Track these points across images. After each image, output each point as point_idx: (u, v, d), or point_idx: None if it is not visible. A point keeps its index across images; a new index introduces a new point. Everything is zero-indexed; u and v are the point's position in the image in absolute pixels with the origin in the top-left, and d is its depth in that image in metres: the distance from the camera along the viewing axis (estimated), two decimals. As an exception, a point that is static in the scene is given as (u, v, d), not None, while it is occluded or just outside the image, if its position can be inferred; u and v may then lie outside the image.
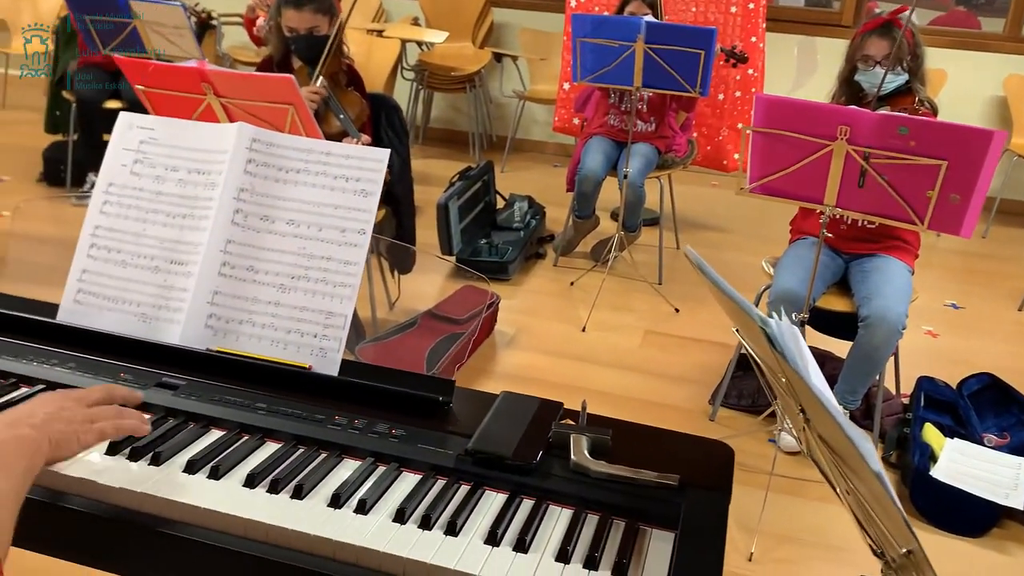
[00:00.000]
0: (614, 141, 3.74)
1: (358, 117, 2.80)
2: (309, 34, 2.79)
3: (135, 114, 1.34)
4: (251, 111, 2.31)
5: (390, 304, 3.23)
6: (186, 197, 1.26)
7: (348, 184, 1.23)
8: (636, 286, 3.63)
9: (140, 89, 2.36)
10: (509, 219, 4.10)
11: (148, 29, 3.65)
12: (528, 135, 5.60)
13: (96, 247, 1.27)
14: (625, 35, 3.04)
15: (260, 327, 1.20)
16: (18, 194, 4.34)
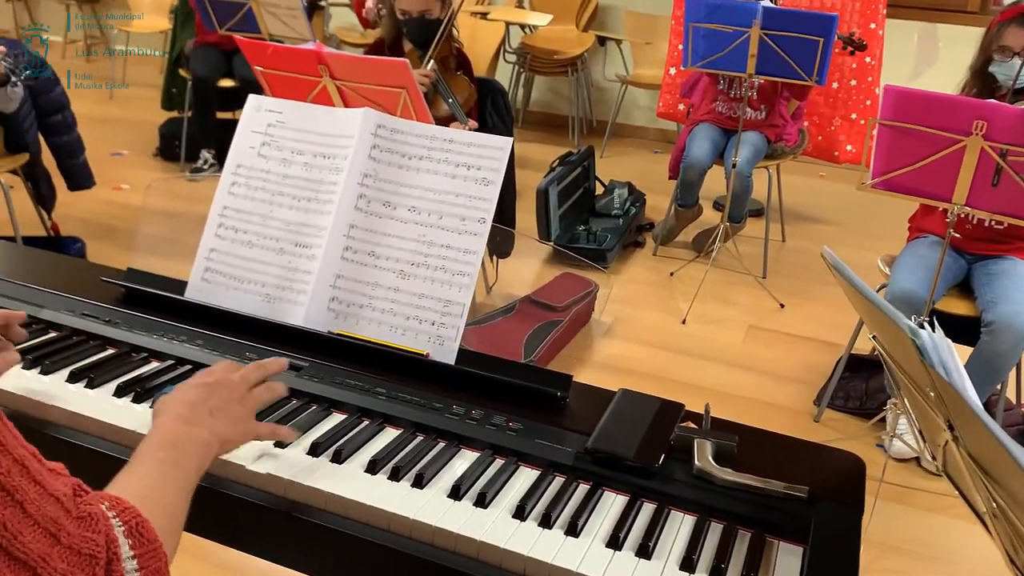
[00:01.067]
0: (722, 129, 3.64)
1: (466, 101, 2.80)
2: (421, 17, 2.80)
3: (263, 97, 1.36)
4: (364, 93, 2.34)
5: (487, 288, 3.23)
6: (311, 181, 1.27)
7: (470, 172, 1.22)
8: (739, 279, 3.53)
9: (259, 70, 2.42)
10: (608, 206, 4.06)
11: (263, 10, 3.74)
12: (629, 120, 5.52)
13: (224, 227, 1.30)
14: (741, 20, 2.95)
15: (380, 312, 1.21)
16: (135, 168, 4.54)
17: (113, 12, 6.65)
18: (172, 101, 4.75)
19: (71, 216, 3.64)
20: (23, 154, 3.09)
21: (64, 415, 1.05)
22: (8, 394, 1.08)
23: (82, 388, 1.10)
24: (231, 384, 0.94)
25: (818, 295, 3.45)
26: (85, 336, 1.21)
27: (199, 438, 0.86)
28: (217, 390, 0.92)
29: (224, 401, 0.91)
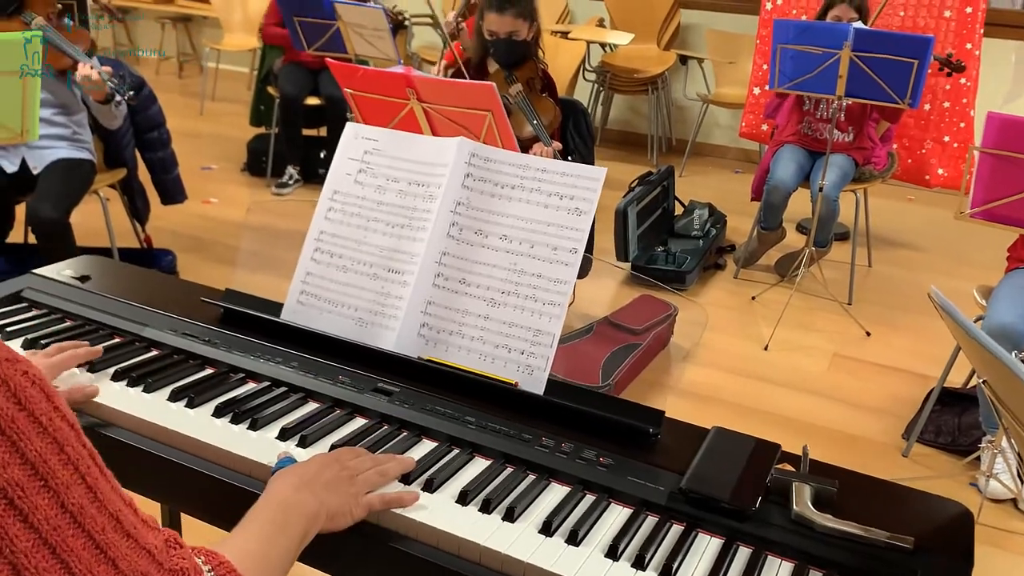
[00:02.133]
0: (807, 150, 3.57)
1: (551, 123, 2.81)
2: (508, 38, 2.82)
3: (361, 125, 1.39)
4: (450, 115, 2.37)
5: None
6: (405, 208, 1.29)
7: (562, 202, 1.22)
8: (824, 305, 3.45)
9: (348, 92, 2.47)
10: (688, 227, 4.01)
11: (350, 31, 3.83)
12: (709, 139, 5.46)
13: (320, 251, 1.33)
14: (831, 42, 2.89)
15: (469, 339, 1.21)
16: (224, 182, 4.68)
17: (205, 30, 6.91)
18: (260, 118, 4.89)
19: (163, 228, 3.77)
20: (121, 169, 3.22)
21: (165, 434, 1.08)
22: (112, 411, 1.12)
23: (182, 407, 1.13)
24: (346, 464, 0.97)
25: (906, 323, 3.34)
26: (185, 355, 1.25)
27: (308, 507, 0.88)
28: (331, 467, 0.95)
29: (336, 478, 0.94)
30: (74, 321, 1.34)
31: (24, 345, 1.26)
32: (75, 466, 0.62)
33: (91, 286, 1.43)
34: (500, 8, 2.79)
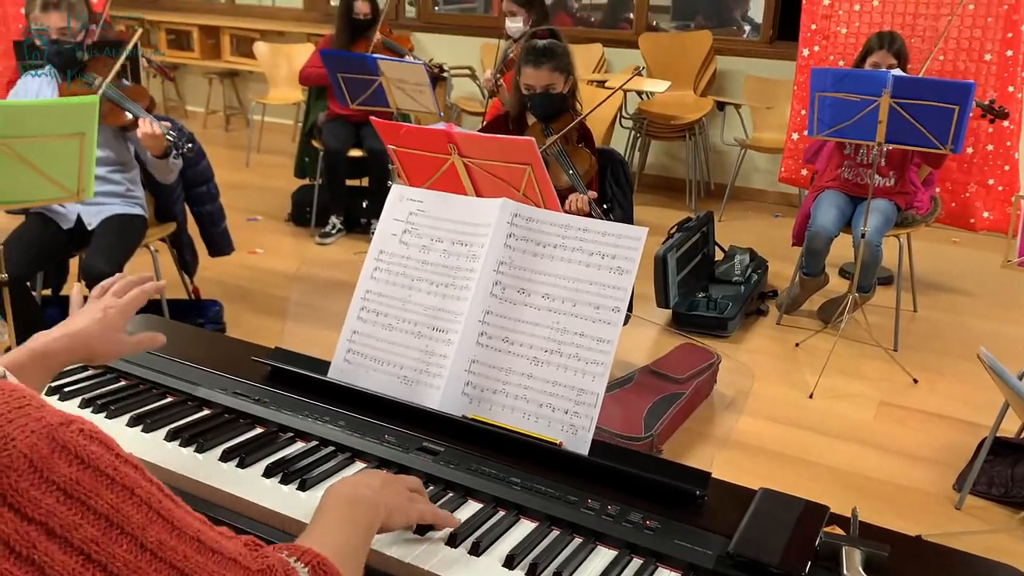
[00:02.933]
0: (848, 195, 3.55)
1: (587, 173, 2.83)
2: (545, 92, 2.87)
3: (406, 187, 1.42)
4: (491, 170, 2.41)
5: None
6: (449, 267, 1.31)
7: (604, 261, 1.24)
8: (869, 351, 3.39)
9: (391, 148, 2.53)
10: (729, 272, 3.99)
11: (392, 86, 3.92)
12: (748, 183, 5.45)
13: (366, 310, 1.35)
14: (870, 89, 2.89)
15: (513, 398, 1.23)
16: (269, 232, 4.78)
17: (251, 85, 7.11)
18: (304, 169, 5.00)
19: (209, 279, 3.85)
20: (171, 223, 3.31)
21: (217, 494, 1.11)
22: (165, 471, 1.15)
23: (233, 467, 1.15)
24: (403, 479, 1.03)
25: (954, 370, 3.27)
26: (236, 415, 1.28)
27: (370, 499, 0.93)
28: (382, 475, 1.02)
29: (389, 481, 1.00)
30: (129, 380, 1.38)
31: (80, 405, 1.30)
32: (148, 505, 0.65)
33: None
34: (536, 63, 2.84)
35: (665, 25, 6.71)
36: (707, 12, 6.99)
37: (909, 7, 3.81)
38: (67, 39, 2.76)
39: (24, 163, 2.32)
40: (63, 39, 2.76)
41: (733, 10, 7.00)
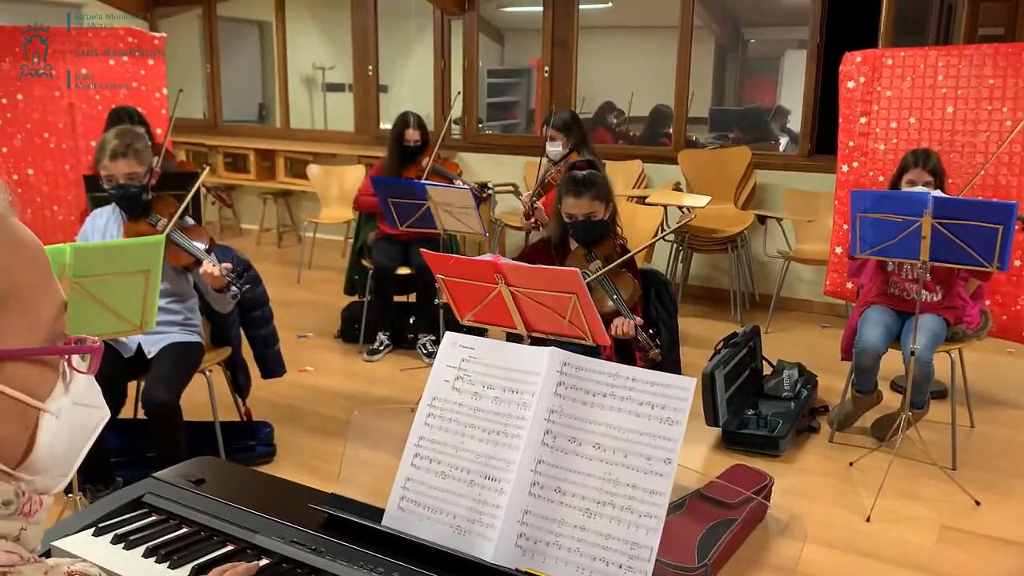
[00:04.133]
0: (895, 311, 3.53)
1: (631, 298, 2.88)
2: (587, 219, 2.95)
3: (458, 334, 1.47)
4: (536, 298, 2.47)
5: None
6: (500, 415, 1.35)
7: (653, 411, 1.26)
8: (926, 470, 3.30)
9: (440, 278, 2.61)
10: (778, 388, 3.95)
11: (439, 209, 4.06)
12: (793, 293, 5.45)
13: (419, 456, 1.38)
14: (910, 210, 2.92)
15: (566, 551, 1.23)
16: (319, 349, 4.87)
17: (303, 203, 7.39)
18: (354, 287, 5.13)
19: (261, 398, 3.92)
20: (226, 348, 3.41)
21: (276, 651, 1.12)
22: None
23: (291, 622, 1.17)
24: None
25: (1019, 490, 3.17)
26: (293, 564, 1.30)
27: None
28: None
29: None
30: (190, 528, 1.41)
31: (144, 554, 1.34)
32: None
33: (206, 489, 1.51)
34: (577, 193, 2.93)
35: (702, 136, 6.86)
36: (743, 124, 7.16)
37: (946, 124, 3.88)
38: (133, 183, 2.93)
39: (93, 300, 2.44)
40: (130, 183, 2.92)
41: (769, 121, 7.16)
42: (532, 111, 8.05)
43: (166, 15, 8.02)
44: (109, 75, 4.88)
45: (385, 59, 7.22)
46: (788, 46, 7.85)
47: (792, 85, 7.15)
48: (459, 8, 6.41)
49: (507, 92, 8.41)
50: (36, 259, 0.74)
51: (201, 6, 7.77)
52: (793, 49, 7.75)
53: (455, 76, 6.80)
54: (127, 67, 4.93)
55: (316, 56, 8.34)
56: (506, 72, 8.33)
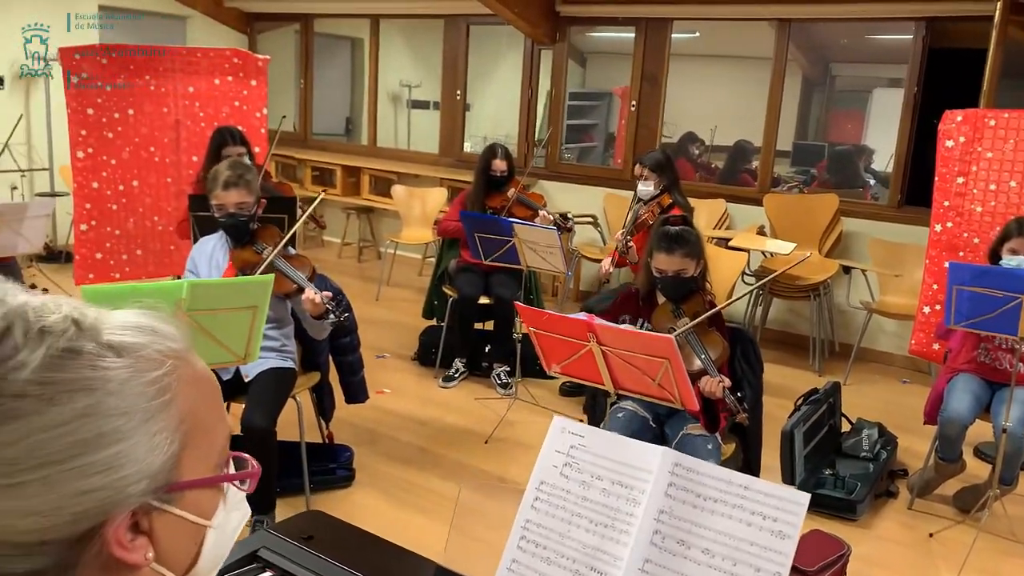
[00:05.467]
0: (985, 380, 3.45)
1: (719, 358, 2.87)
2: (676, 276, 2.96)
3: (568, 420, 1.51)
4: (628, 360, 2.50)
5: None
6: (609, 507, 1.38)
7: (765, 522, 1.28)
8: (1014, 549, 3.22)
9: (532, 331, 2.66)
10: (856, 447, 3.89)
11: (524, 246, 4.12)
12: (874, 344, 5.35)
13: (525, 540, 1.43)
14: (1012, 286, 2.86)
15: (671, 652, 1.26)
16: (396, 371, 4.98)
17: (385, 220, 7.55)
18: (433, 311, 5.23)
19: (340, 419, 4.02)
20: (316, 373, 3.53)
21: None
22: None
23: None
24: None
25: (1111, 579, 3.06)
26: (404, 639, 1.36)
27: None
28: None
29: None
30: (298, 588, 1.49)
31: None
32: None
33: (315, 546, 1.59)
34: (669, 250, 2.93)
35: (783, 171, 6.78)
36: (829, 165, 7.05)
37: (1049, 190, 3.78)
38: (243, 212, 3.06)
39: (203, 331, 2.56)
40: (239, 212, 3.05)
41: (855, 160, 7.04)
42: (611, 135, 8.08)
43: (265, 29, 8.30)
44: (214, 94, 5.08)
45: (469, 76, 7.33)
46: (878, 83, 7.72)
47: (880, 124, 7.02)
48: (551, 39, 6.49)
49: (586, 115, 8.45)
50: (213, 393, 0.80)
51: (299, 23, 8.01)
52: (883, 87, 7.62)
53: (539, 101, 6.88)
54: (231, 87, 5.13)
55: (403, 74, 8.53)
56: (587, 95, 8.37)
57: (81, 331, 0.66)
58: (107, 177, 4.79)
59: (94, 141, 4.73)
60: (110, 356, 0.66)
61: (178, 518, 0.71)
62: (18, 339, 0.63)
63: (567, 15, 6.42)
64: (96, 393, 0.64)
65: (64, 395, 0.63)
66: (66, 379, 0.63)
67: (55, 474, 0.62)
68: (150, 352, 0.69)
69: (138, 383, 0.67)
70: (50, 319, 0.65)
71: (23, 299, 0.66)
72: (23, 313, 0.64)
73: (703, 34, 7.34)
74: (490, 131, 8.00)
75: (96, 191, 4.77)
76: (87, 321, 0.67)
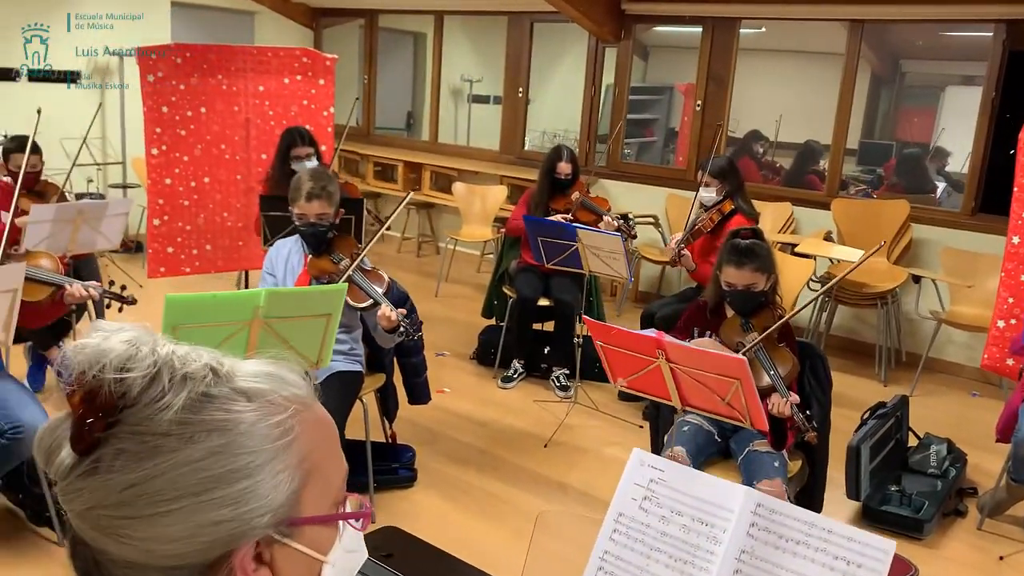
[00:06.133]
0: (1064, 402, 3.35)
1: (788, 375, 2.84)
2: (746, 290, 2.93)
3: (647, 453, 1.52)
4: (697, 378, 2.49)
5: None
6: (688, 544, 1.39)
7: (848, 568, 1.27)
8: (1087, 578, 3.14)
9: (599, 344, 2.66)
10: (923, 463, 3.81)
11: (587, 252, 4.12)
12: (943, 354, 5.22)
13: (603, 571, 1.44)
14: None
15: None
16: (455, 370, 5.02)
17: (444, 216, 7.60)
18: (492, 311, 5.26)
19: (401, 417, 4.07)
20: (381, 375, 3.58)
21: None
22: None
23: None
24: None
25: None
26: (483, 665, 1.39)
27: None
28: None
29: None
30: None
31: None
32: None
33: (395, 565, 1.62)
34: (739, 264, 2.90)
35: (849, 170, 6.63)
36: (899, 167, 6.88)
37: None
38: (323, 223, 3.11)
39: (278, 337, 2.62)
40: (319, 223, 3.11)
41: (925, 162, 6.85)
42: (671, 130, 7.99)
43: (330, 24, 8.40)
44: (283, 93, 5.17)
45: (531, 71, 7.31)
46: (951, 81, 7.50)
47: (953, 124, 6.82)
48: (615, 37, 6.44)
49: (647, 109, 8.37)
50: (331, 436, 0.85)
51: (364, 18, 8.09)
52: (955, 85, 7.39)
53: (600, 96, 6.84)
54: (299, 86, 5.21)
55: (464, 68, 8.56)
56: (648, 90, 8.29)
57: (218, 378, 0.73)
58: (179, 174, 4.91)
59: (168, 138, 4.85)
60: (241, 400, 0.72)
61: (297, 552, 0.76)
62: (165, 384, 0.70)
63: (632, 13, 6.37)
64: (228, 433, 0.71)
65: (201, 434, 0.70)
66: (203, 420, 0.70)
67: (192, 505, 0.69)
68: (276, 397, 0.75)
69: (265, 425, 0.73)
70: (192, 367, 0.72)
71: (171, 348, 0.72)
72: (170, 361, 0.71)
73: (769, 29, 7.21)
74: (549, 125, 7.99)
75: (169, 187, 4.89)
76: (223, 369, 0.74)
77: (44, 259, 2.98)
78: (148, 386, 0.69)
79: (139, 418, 0.69)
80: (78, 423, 0.69)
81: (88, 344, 0.70)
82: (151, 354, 0.70)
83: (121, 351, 0.69)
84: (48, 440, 0.72)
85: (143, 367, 0.69)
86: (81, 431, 0.68)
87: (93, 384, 0.68)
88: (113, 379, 0.68)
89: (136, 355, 0.69)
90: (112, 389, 0.68)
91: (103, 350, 0.69)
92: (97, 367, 0.68)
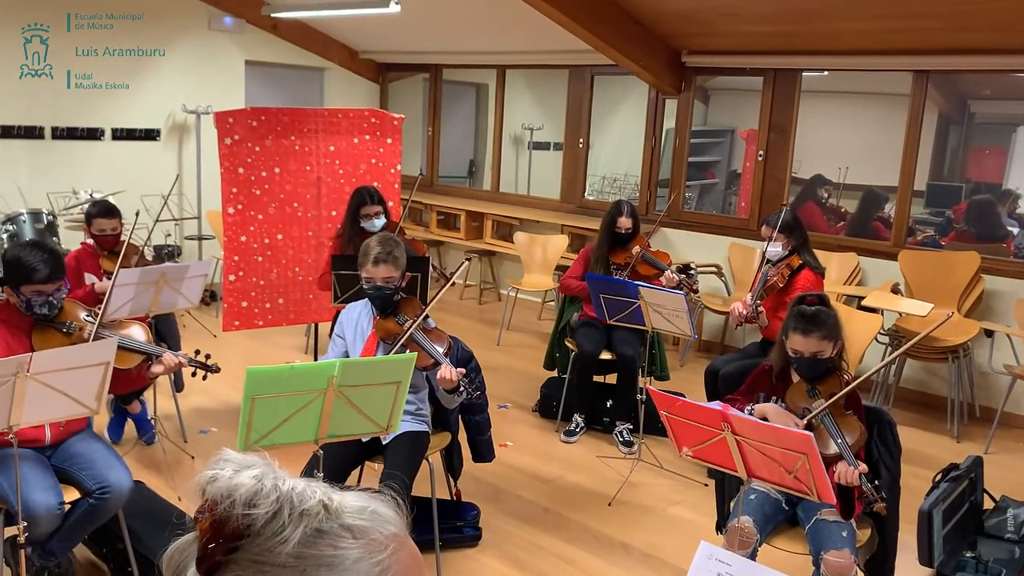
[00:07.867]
0: None
1: (856, 443, 2.81)
2: (813, 357, 2.92)
3: (714, 547, 1.55)
4: (764, 451, 2.49)
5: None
6: (757, 642, 1.41)
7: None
8: None
9: (664, 414, 2.69)
10: (1000, 527, 3.70)
11: (650, 309, 4.15)
12: (1018, 409, 5.07)
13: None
14: None
15: None
16: (517, 423, 5.06)
17: (505, 264, 7.70)
18: (554, 363, 5.30)
19: (464, 472, 4.11)
20: (447, 434, 3.65)
21: None
22: None
23: None
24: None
25: None
26: None
27: None
28: None
29: None
30: None
31: None
32: None
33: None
34: (805, 332, 2.89)
35: (917, 212, 6.50)
36: (968, 214, 6.72)
37: None
38: (389, 286, 3.23)
39: (351, 405, 2.72)
40: (386, 286, 3.22)
41: (997, 207, 6.68)
42: (733, 172, 7.97)
43: (396, 79, 8.66)
44: (352, 152, 5.36)
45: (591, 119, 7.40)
46: (1022, 121, 7.33)
47: (1025, 165, 6.65)
48: (676, 89, 6.51)
49: (708, 152, 8.38)
50: (421, 572, 0.91)
51: (428, 72, 8.32)
52: (1028, 125, 7.22)
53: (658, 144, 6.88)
54: (368, 145, 5.39)
55: (525, 117, 8.71)
56: (708, 132, 8.30)
57: (328, 514, 0.79)
58: (254, 231, 5.11)
59: (243, 198, 5.06)
60: (348, 538, 0.79)
61: None
62: (285, 519, 0.76)
63: (693, 65, 6.43)
64: (335, 569, 0.77)
65: (312, 568, 0.76)
66: (315, 555, 0.76)
67: None
68: (378, 536, 0.81)
69: (367, 563, 0.79)
70: (308, 503, 0.78)
71: (291, 484, 0.80)
72: (290, 497, 0.78)
73: (832, 72, 7.18)
74: (609, 170, 8.05)
75: (244, 244, 5.09)
76: (333, 505, 0.80)
77: (136, 327, 3.13)
78: (271, 520, 0.76)
79: (260, 549, 0.76)
80: (204, 546, 0.76)
81: (220, 477, 0.78)
82: (275, 490, 0.77)
83: (250, 487, 0.77)
84: (177, 559, 0.79)
85: (268, 503, 0.76)
86: (206, 553, 0.76)
87: (222, 515, 0.76)
88: (241, 514, 0.75)
89: (262, 491, 0.76)
90: (240, 523, 0.76)
91: (234, 485, 0.77)
92: (227, 501, 0.76)
